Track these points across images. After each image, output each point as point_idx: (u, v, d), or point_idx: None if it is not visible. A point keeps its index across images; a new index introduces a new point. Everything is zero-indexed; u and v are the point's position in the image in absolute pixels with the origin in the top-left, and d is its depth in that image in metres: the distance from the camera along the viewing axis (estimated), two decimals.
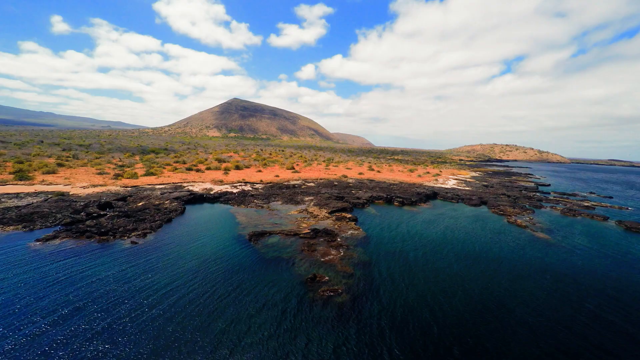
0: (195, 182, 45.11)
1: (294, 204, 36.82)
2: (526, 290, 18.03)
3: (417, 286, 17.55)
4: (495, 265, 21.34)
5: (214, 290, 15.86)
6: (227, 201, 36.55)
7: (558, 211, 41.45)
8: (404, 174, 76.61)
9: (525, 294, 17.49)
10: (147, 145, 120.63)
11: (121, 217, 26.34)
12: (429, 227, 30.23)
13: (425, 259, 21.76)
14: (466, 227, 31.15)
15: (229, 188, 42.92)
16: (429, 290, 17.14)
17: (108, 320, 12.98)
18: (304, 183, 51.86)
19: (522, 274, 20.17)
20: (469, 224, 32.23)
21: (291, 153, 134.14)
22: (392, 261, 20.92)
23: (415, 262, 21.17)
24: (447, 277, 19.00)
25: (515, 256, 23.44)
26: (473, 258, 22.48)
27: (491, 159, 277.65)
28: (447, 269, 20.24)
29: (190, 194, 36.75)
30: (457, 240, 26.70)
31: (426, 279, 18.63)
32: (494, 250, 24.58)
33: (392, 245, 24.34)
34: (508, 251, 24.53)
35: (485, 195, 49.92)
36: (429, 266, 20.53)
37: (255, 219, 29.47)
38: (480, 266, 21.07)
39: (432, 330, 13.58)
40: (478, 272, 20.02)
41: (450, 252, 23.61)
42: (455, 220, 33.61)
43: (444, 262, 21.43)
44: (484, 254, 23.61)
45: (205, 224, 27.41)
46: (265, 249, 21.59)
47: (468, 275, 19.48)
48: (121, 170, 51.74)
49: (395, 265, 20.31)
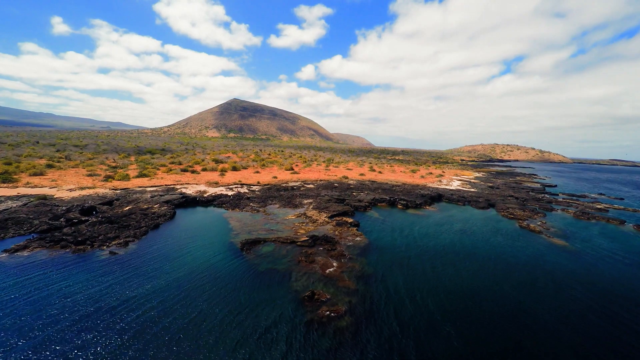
0: (189, 184, 43.07)
1: (292, 207, 34.76)
2: (564, 308, 15.92)
3: (427, 308, 15.44)
4: (517, 279, 19.15)
5: (195, 313, 13.77)
6: (221, 204, 34.49)
7: (570, 214, 39.34)
8: (406, 174, 74.53)
9: (564, 313, 15.37)
10: (143, 146, 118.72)
11: (104, 223, 24.28)
12: (436, 233, 28.14)
13: (434, 272, 19.66)
14: (477, 233, 29.05)
15: (224, 190, 40.87)
16: (444, 314, 15.05)
17: (64, 349, 10.91)
18: (303, 185, 49.81)
19: (550, 290, 18.06)
20: (479, 230, 30.12)
21: (290, 153, 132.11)
22: (398, 274, 18.82)
23: (424, 275, 19.06)
24: (462, 295, 16.87)
25: (537, 267, 21.27)
26: (490, 272, 20.29)
27: (493, 159, 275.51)
28: (461, 285, 18.12)
29: (182, 197, 34.70)
30: (468, 249, 24.58)
31: (437, 298, 16.51)
32: (511, 260, 22.43)
33: (398, 254, 22.24)
34: (527, 261, 22.40)
35: (492, 197, 47.82)
36: (440, 281, 18.42)
37: (250, 224, 27.40)
38: (500, 282, 18.87)
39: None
40: (499, 289, 17.85)
41: (462, 263, 21.51)
42: (464, 225, 31.51)
43: (457, 276, 19.27)
44: (501, 265, 21.47)
45: (195, 230, 25.34)
46: (258, 260, 19.51)
47: (488, 293, 17.32)
48: (113, 171, 49.73)
49: (402, 279, 18.20)
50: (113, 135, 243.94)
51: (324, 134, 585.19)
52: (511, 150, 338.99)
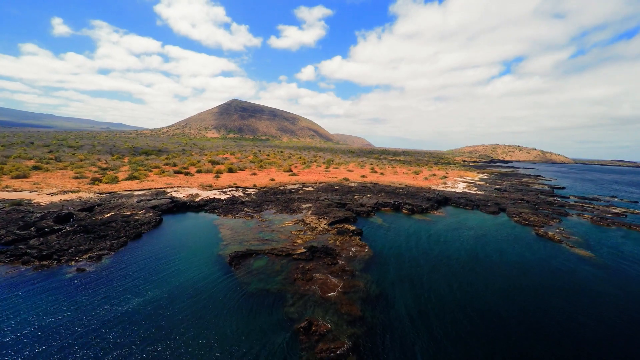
0: (181, 187, 40.59)
1: (289, 212, 32.28)
2: (620, 336, 13.45)
3: (448, 339, 12.96)
4: (551, 303, 16.52)
5: (168, 352, 11.29)
6: (213, 210, 32.01)
7: (587, 219, 36.81)
8: (409, 176, 72.03)
9: (623, 344, 12.90)
10: (139, 147, 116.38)
11: (78, 232, 21.80)
12: (447, 243, 25.63)
13: (451, 292, 17.14)
14: (491, 242, 26.54)
15: (218, 194, 38.39)
16: (469, 349, 12.55)
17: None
18: (301, 187, 47.33)
19: (592, 313, 15.56)
20: (493, 238, 27.61)
21: (290, 154, 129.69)
22: (409, 295, 16.30)
23: (439, 297, 16.54)
24: (489, 323, 14.35)
25: (570, 286, 18.67)
26: (516, 292, 17.62)
27: (494, 160, 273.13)
28: (485, 309, 15.59)
29: (171, 202, 32.22)
30: (485, 262, 22.06)
31: (459, 327, 14.02)
32: (538, 278, 19.78)
33: (407, 269, 19.74)
34: (556, 278, 19.81)
35: (502, 201, 45.31)
36: (459, 304, 15.91)
37: (242, 232, 24.90)
38: (530, 305, 16.24)
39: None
40: (531, 315, 15.35)
41: (480, 280, 18.99)
42: (477, 233, 29.01)
43: (478, 297, 16.67)
44: (527, 283, 18.87)
45: (181, 240, 22.85)
46: (248, 278, 17.02)
47: (518, 321, 14.81)
48: (102, 173, 47.31)
49: (414, 301, 15.69)
50: (111, 136, 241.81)
51: (324, 134, 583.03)
52: (512, 151, 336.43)
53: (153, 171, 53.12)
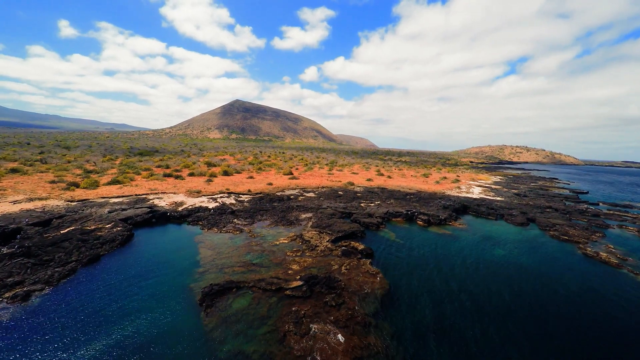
0: (166, 194, 36.17)
1: (286, 224, 27.65)
2: None
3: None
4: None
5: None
6: (198, 221, 27.51)
7: (634, 233, 31.58)
8: (419, 179, 66.98)
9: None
10: (137, 147, 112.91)
11: (17, 256, 17.36)
12: (476, 268, 20.74)
13: (503, 352, 12.32)
14: (532, 266, 21.55)
15: (206, 201, 33.89)
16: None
17: None
18: (302, 193, 42.68)
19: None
20: (533, 261, 22.61)
21: (292, 155, 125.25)
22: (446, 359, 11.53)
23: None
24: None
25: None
26: (588, 348, 12.94)
27: (502, 161, 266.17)
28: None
29: (149, 212, 27.78)
30: (531, 297, 17.11)
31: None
32: (616, 328, 15.01)
33: (433, 312, 14.91)
34: (630, 324, 14.99)
35: (526, 209, 40.17)
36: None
37: (226, 253, 20.30)
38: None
39: None
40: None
41: (535, 330, 14.11)
42: (510, 252, 24.07)
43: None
44: (603, 339, 14.08)
45: (148, 264, 18.30)
46: (221, 330, 12.36)
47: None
48: (86, 176, 43.20)
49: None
50: (113, 137, 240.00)
51: (327, 135, 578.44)
52: (520, 152, 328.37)
53: (142, 174, 48.93)
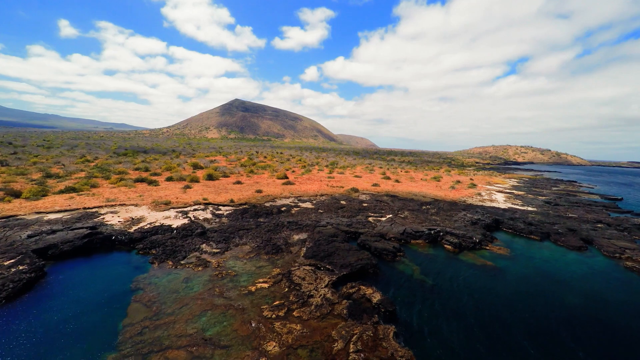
0: (125, 206, 28.93)
1: (271, 252, 20.40)
2: None
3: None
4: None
5: None
6: (151, 248, 20.29)
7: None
8: (430, 184, 59.61)
9: None
10: (126, 147, 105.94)
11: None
12: (553, 334, 13.47)
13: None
14: (634, 329, 14.28)
15: (173, 217, 26.66)
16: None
17: None
18: (296, 202, 35.43)
19: None
20: (623, 315, 15.34)
21: (289, 156, 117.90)
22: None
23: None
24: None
25: None
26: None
27: (508, 161, 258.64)
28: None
29: (86, 236, 20.55)
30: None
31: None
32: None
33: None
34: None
35: (571, 223, 32.82)
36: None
37: (168, 314, 13.06)
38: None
39: None
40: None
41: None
42: (585, 301, 16.74)
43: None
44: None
45: (33, 342, 11.09)
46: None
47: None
48: (40, 182, 36.12)
49: None
50: (107, 136, 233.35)
51: (328, 134, 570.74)
52: (525, 152, 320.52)
53: (111, 178, 41.79)
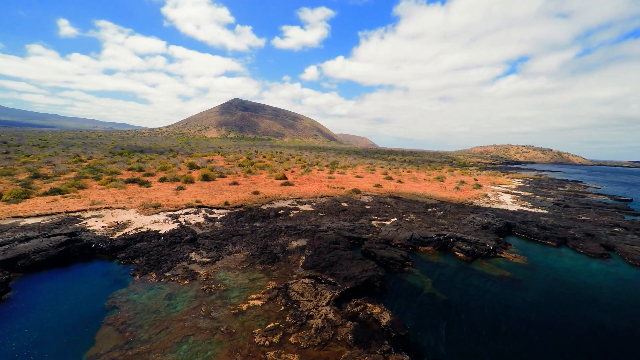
0: (111, 209, 27.03)
1: (266, 262, 18.52)
2: None
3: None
4: None
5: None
6: (135, 257, 18.40)
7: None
8: (434, 184, 57.72)
9: None
10: (121, 147, 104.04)
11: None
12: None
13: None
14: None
15: (162, 221, 24.76)
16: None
17: None
18: (295, 205, 33.55)
19: None
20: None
21: (289, 155, 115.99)
22: None
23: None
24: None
25: None
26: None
27: (509, 161, 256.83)
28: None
29: (63, 244, 18.62)
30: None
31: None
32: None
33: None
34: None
35: (587, 227, 30.95)
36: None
37: (144, 340, 11.14)
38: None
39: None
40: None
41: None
42: (620, 318, 14.92)
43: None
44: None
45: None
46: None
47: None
48: (26, 183, 34.25)
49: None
50: (105, 136, 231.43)
51: (328, 133, 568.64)
52: (527, 152, 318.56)
53: (102, 178, 39.90)
